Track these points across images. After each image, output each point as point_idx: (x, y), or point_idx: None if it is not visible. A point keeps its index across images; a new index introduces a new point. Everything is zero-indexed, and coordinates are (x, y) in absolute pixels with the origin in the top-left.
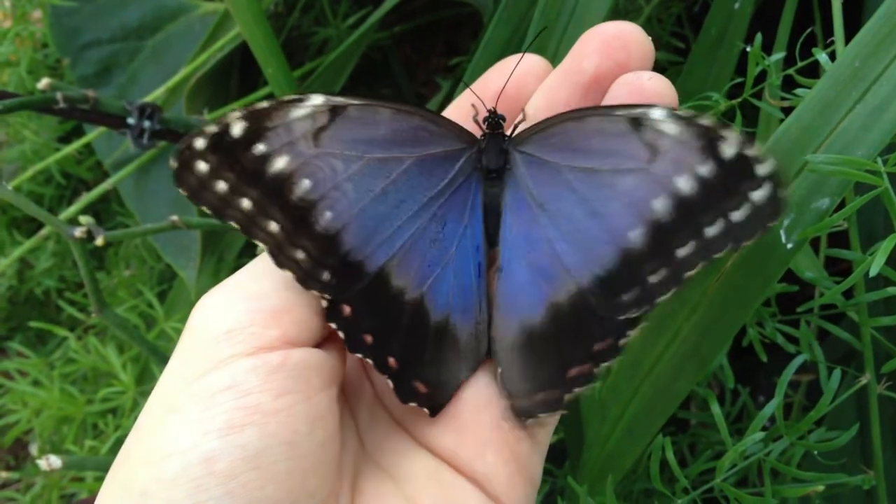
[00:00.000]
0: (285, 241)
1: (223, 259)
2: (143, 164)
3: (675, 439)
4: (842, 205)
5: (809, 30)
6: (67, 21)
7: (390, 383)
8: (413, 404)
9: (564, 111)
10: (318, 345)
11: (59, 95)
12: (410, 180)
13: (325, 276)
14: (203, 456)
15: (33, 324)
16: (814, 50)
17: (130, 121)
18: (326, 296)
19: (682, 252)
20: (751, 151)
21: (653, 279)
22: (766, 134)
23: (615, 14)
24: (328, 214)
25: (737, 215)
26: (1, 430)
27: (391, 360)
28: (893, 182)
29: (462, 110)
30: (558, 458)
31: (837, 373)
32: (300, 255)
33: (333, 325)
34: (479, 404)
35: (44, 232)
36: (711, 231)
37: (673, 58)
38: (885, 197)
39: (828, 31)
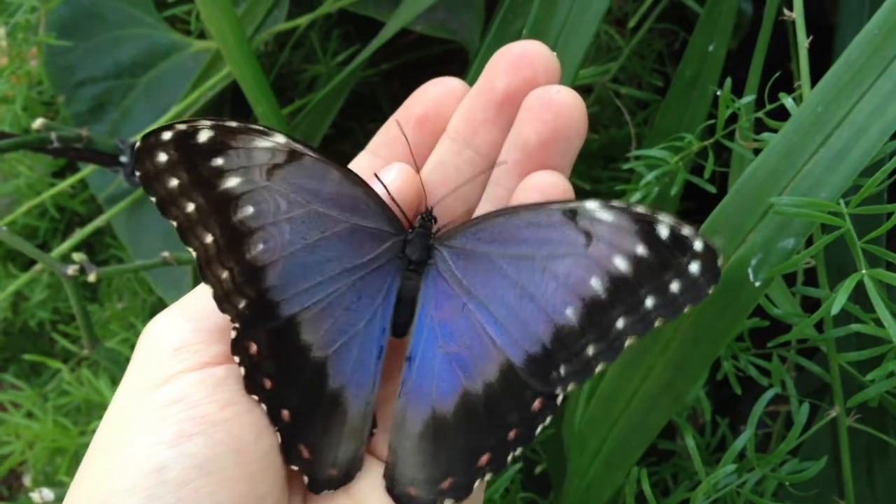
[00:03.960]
0: (215, 256)
1: None
2: (137, 198)
3: (657, 469)
4: (810, 243)
5: (778, 73)
6: (62, 59)
7: (279, 437)
8: (295, 468)
9: (494, 210)
10: None
11: (53, 135)
12: (341, 243)
13: (242, 304)
14: (155, 466)
15: (27, 356)
16: (780, 94)
17: (123, 159)
18: (236, 325)
19: (620, 324)
20: (685, 231)
21: (590, 351)
22: (739, 173)
23: (596, 50)
24: (260, 246)
25: (674, 287)
26: None
27: (284, 413)
28: (856, 223)
29: (389, 134)
30: (543, 487)
31: (806, 406)
32: (225, 275)
33: (236, 359)
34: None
35: (39, 266)
36: (649, 303)
37: (651, 96)
38: (847, 237)
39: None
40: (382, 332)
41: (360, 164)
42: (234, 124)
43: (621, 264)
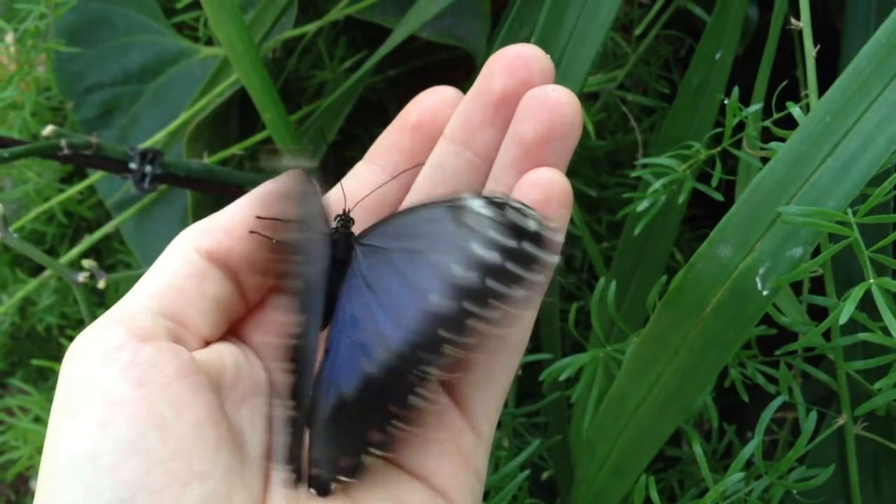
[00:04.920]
0: None
1: None
2: (145, 205)
3: (664, 476)
4: (818, 252)
5: (785, 82)
6: (71, 66)
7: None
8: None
9: (401, 209)
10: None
11: (63, 142)
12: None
13: None
14: (87, 454)
15: (35, 361)
16: (788, 104)
17: (132, 165)
18: None
19: (477, 310)
20: (550, 225)
21: (468, 329)
22: (747, 182)
23: (603, 58)
24: None
25: (535, 271)
26: (2, 466)
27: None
28: (864, 232)
29: (385, 143)
30: (549, 494)
31: (814, 414)
32: None
33: None
34: None
35: (47, 272)
36: (515, 291)
37: (657, 103)
38: (855, 246)
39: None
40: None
41: (359, 173)
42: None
43: (491, 255)
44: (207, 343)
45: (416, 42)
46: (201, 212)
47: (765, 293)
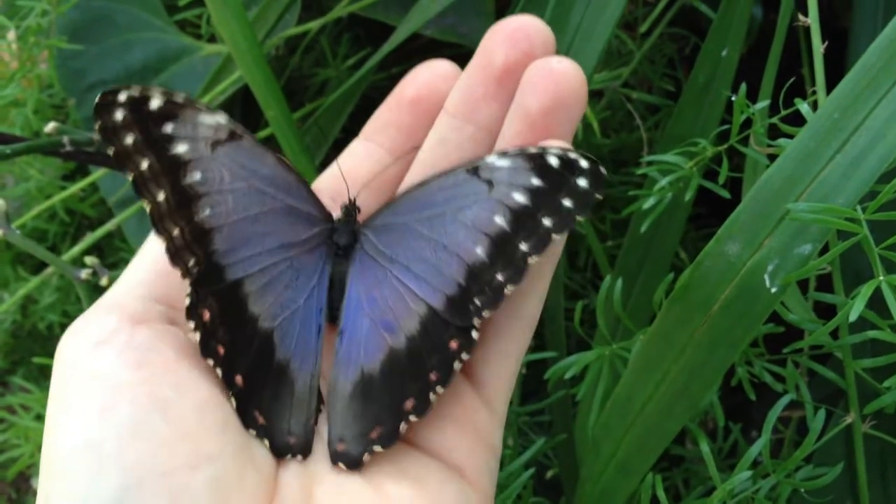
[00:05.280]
0: (167, 213)
1: None
2: None
3: (669, 474)
4: (826, 249)
5: (793, 79)
6: (73, 63)
7: (233, 402)
8: (252, 431)
9: (407, 188)
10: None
11: (65, 139)
12: (278, 221)
13: (191, 262)
14: (89, 442)
15: (36, 359)
16: (796, 100)
17: None
18: (190, 290)
19: (523, 247)
20: (571, 155)
21: (500, 277)
22: (753, 179)
23: (607, 56)
24: (207, 211)
25: (567, 203)
26: (3, 465)
27: (238, 379)
28: (873, 229)
29: (381, 119)
30: (553, 493)
31: (822, 413)
32: (176, 231)
33: (191, 325)
34: None
35: (49, 270)
36: (547, 223)
37: (662, 101)
38: (864, 244)
39: (815, 76)
40: (319, 312)
41: (355, 151)
42: (180, 99)
43: (521, 198)
44: None
45: (420, 40)
46: None
47: (773, 290)
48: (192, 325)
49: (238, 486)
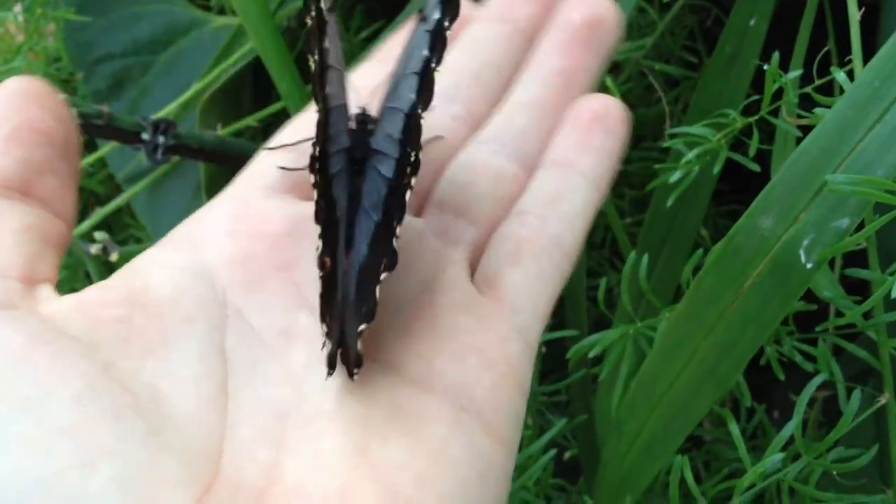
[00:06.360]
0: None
1: None
2: (157, 178)
3: (690, 456)
4: (861, 224)
5: (826, 48)
6: (80, 36)
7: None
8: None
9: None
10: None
11: (73, 112)
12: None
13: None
14: None
15: None
16: (832, 69)
17: (145, 136)
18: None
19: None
20: None
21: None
22: (784, 151)
23: (628, 29)
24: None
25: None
26: None
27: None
28: None
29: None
30: (572, 473)
31: (857, 393)
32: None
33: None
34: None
35: None
36: None
37: (684, 72)
38: None
39: (841, 47)
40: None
41: (365, 73)
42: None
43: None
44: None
45: None
46: (214, 185)
47: (808, 266)
48: (313, 179)
49: (155, 477)
